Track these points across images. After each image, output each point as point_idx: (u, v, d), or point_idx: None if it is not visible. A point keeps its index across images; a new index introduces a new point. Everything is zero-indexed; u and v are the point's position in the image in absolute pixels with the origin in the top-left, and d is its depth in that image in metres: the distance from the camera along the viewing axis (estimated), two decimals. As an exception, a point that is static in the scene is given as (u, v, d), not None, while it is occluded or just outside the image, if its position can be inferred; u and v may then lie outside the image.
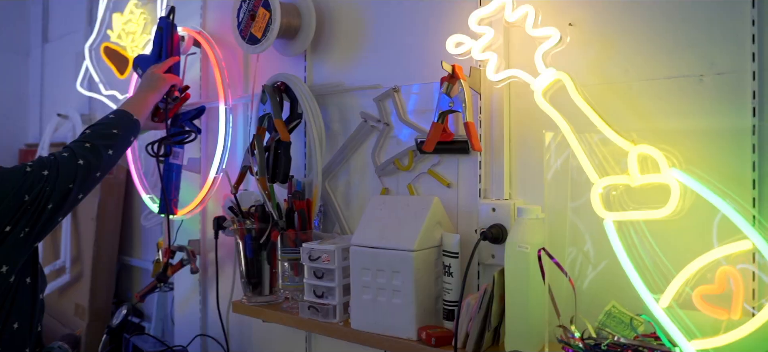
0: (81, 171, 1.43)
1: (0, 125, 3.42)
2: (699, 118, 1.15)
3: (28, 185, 1.34)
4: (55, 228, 2.66)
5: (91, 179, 1.47)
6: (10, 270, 1.34)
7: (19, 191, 1.33)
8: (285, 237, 1.64)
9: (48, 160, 1.41)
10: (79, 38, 2.97)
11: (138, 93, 1.76)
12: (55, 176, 1.39)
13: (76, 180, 1.42)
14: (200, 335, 2.11)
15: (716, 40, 1.13)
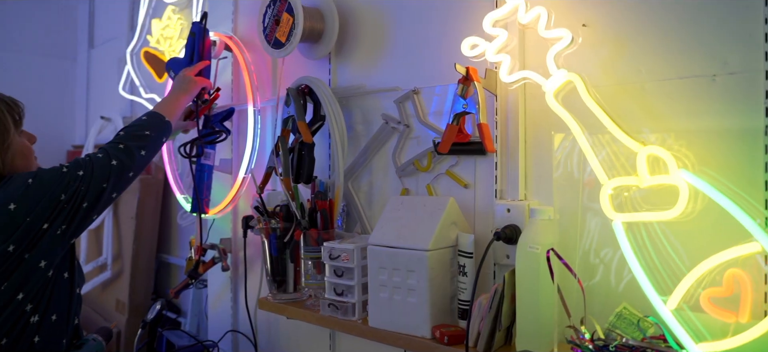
0: (114, 171, 1.49)
1: (50, 128, 3.55)
2: (711, 119, 1.14)
3: (64, 185, 1.41)
4: (99, 226, 2.78)
5: (125, 179, 1.54)
6: (48, 265, 1.41)
7: (55, 191, 1.40)
8: (307, 236, 1.68)
9: (83, 161, 1.48)
10: (122, 44, 3.08)
11: (170, 95, 1.82)
12: (90, 176, 1.45)
13: (109, 180, 1.48)
14: (231, 330, 2.17)
15: (728, 40, 1.12)
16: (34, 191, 1.37)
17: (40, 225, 1.37)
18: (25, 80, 3.49)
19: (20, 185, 1.36)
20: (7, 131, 1.45)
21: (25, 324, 1.38)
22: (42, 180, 1.40)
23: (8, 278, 1.34)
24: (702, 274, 1.05)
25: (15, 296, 1.35)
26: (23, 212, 1.35)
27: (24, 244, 1.35)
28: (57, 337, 1.45)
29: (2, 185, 1.37)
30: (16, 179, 1.38)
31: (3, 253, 1.32)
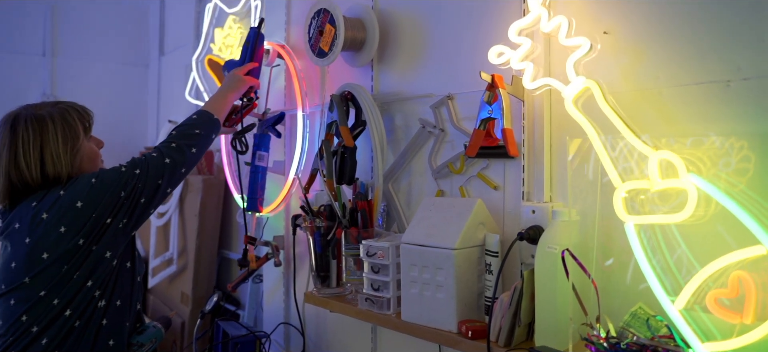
0: (168, 169, 1.63)
1: (124, 130, 3.80)
2: (726, 123, 1.16)
3: (123, 183, 1.56)
4: (166, 223, 2.96)
5: (178, 175, 1.67)
6: (112, 255, 1.56)
7: (116, 189, 1.55)
8: (348, 234, 1.78)
9: (139, 160, 1.63)
10: (188, 51, 3.27)
11: (219, 92, 1.93)
12: (146, 174, 1.60)
13: (164, 176, 1.62)
14: (283, 323, 2.30)
15: (742, 46, 1.15)
16: (98, 190, 1.52)
17: (104, 220, 1.52)
18: (104, 86, 3.75)
19: (85, 184, 1.52)
20: (77, 137, 1.59)
21: (94, 308, 1.53)
22: (104, 179, 1.55)
23: (80, 267, 1.49)
24: (708, 275, 1.09)
25: (85, 284, 1.51)
26: (89, 209, 1.50)
27: (91, 237, 1.50)
28: (121, 320, 1.61)
29: (69, 185, 1.53)
30: (81, 179, 1.54)
31: (75, 246, 1.48)
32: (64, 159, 1.57)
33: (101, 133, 1.73)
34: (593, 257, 1.30)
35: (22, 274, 1.48)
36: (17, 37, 3.49)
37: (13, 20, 3.46)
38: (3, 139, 1.56)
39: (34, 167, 1.54)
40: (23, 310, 1.47)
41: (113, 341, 1.57)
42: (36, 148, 1.54)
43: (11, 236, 1.53)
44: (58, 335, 1.48)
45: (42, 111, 1.57)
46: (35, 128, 1.54)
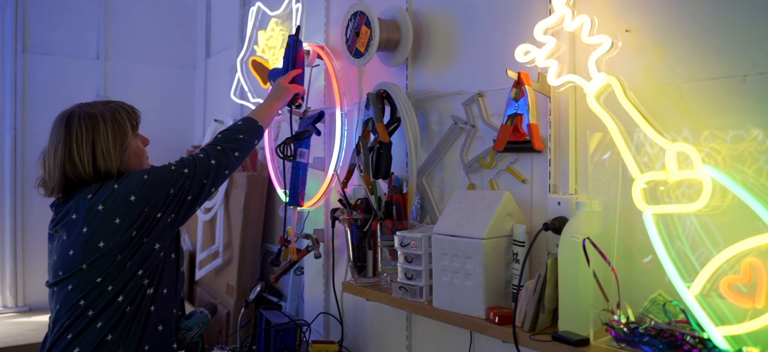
0: (213, 169, 1.75)
1: (173, 130, 3.97)
2: (743, 117, 1.21)
3: (172, 181, 1.68)
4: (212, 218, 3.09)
5: (221, 176, 1.79)
6: (160, 247, 1.68)
7: (166, 186, 1.67)
8: (383, 226, 1.87)
9: (188, 160, 1.75)
10: (233, 53, 3.41)
11: (266, 101, 2.07)
12: (193, 173, 1.72)
13: (209, 176, 1.74)
14: (322, 313, 2.40)
15: (757, 42, 1.19)
16: (149, 186, 1.64)
17: (154, 214, 1.64)
18: (153, 88, 3.92)
19: (138, 180, 1.64)
20: (126, 134, 1.71)
21: (143, 295, 1.65)
22: (155, 177, 1.67)
23: (132, 257, 1.62)
24: (722, 262, 1.14)
25: (136, 272, 1.63)
26: (141, 204, 1.62)
27: (143, 230, 1.62)
28: (168, 307, 1.73)
29: (122, 180, 1.65)
30: (134, 175, 1.66)
31: (129, 237, 1.61)
32: (113, 155, 1.68)
33: (150, 132, 1.86)
34: (614, 246, 1.35)
35: (80, 261, 1.60)
36: (73, 43, 3.68)
37: (70, 27, 3.65)
38: (58, 135, 1.68)
39: (86, 162, 1.66)
40: (81, 295, 1.59)
41: (161, 326, 1.69)
42: (88, 145, 1.66)
43: (67, 226, 1.65)
44: (111, 319, 1.60)
45: (94, 110, 1.69)
46: (88, 126, 1.66)
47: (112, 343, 1.60)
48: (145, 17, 3.90)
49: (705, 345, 1.14)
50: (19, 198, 3.48)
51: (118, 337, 1.61)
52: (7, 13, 3.45)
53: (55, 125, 1.70)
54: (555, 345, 1.34)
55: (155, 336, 1.68)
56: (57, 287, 1.65)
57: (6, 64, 3.44)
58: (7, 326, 3.19)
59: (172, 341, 1.74)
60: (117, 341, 1.60)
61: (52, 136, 1.70)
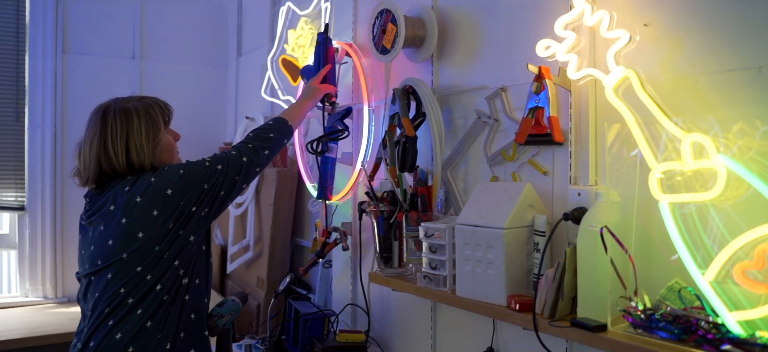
0: (245, 166, 1.83)
1: (205, 127, 4.07)
2: (759, 108, 1.23)
3: (207, 176, 1.76)
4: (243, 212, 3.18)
5: (252, 173, 1.88)
6: (195, 240, 1.75)
7: (200, 181, 1.74)
8: (409, 218, 1.92)
9: (221, 157, 1.82)
10: (264, 52, 3.49)
11: (297, 102, 2.15)
12: (226, 170, 1.79)
13: (240, 173, 1.82)
14: (350, 304, 2.46)
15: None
16: (185, 180, 1.72)
17: (190, 208, 1.72)
18: (187, 86, 4.02)
19: (174, 174, 1.72)
20: (158, 129, 1.79)
21: (179, 285, 1.73)
22: (190, 171, 1.75)
23: (169, 248, 1.69)
24: (737, 249, 1.16)
25: (173, 263, 1.70)
26: (178, 197, 1.70)
27: (179, 222, 1.70)
28: (200, 296, 1.80)
29: (159, 174, 1.73)
30: (170, 169, 1.74)
31: (166, 229, 1.68)
32: (146, 149, 1.75)
33: (183, 129, 1.94)
34: (632, 235, 1.39)
35: (120, 250, 1.67)
36: (110, 43, 3.80)
37: (107, 28, 3.78)
38: (94, 128, 1.75)
39: (120, 155, 1.73)
40: (121, 283, 1.66)
41: (194, 315, 1.77)
42: (122, 139, 1.73)
43: (105, 217, 1.72)
44: (150, 306, 1.67)
45: (129, 104, 1.77)
46: (122, 120, 1.73)
47: (152, 329, 1.67)
48: (179, 18, 4.01)
49: (719, 330, 1.17)
50: (58, 193, 3.61)
51: (157, 324, 1.68)
52: (48, 16, 3.58)
53: (91, 118, 1.78)
54: (573, 331, 1.38)
55: (189, 324, 1.76)
56: (95, 276, 1.72)
57: (47, 64, 3.57)
58: (47, 316, 3.31)
59: (203, 329, 1.82)
60: (156, 328, 1.67)
61: (88, 128, 1.78)
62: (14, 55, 3.56)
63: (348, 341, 2.14)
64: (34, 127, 3.55)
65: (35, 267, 3.59)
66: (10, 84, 3.54)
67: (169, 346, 1.70)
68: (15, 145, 3.54)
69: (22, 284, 3.59)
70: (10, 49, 3.55)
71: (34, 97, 3.55)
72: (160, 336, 1.68)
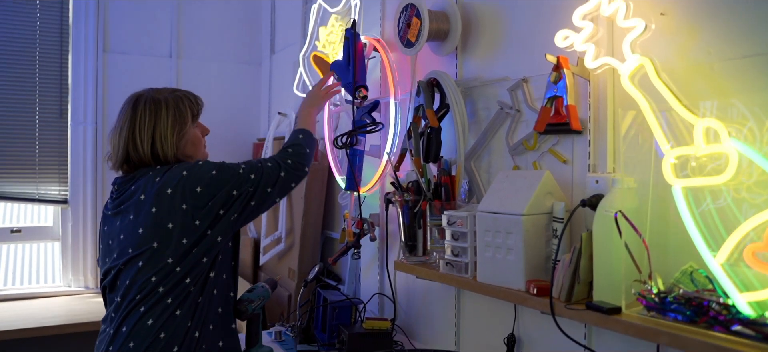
0: (281, 181, 1.88)
1: (240, 123, 4.17)
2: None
3: (238, 183, 1.78)
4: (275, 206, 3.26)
5: (288, 188, 1.93)
6: (223, 240, 1.79)
7: (231, 186, 1.77)
8: (432, 206, 1.97)
9: (257, 166, 1.85)
10: (296, 49, 3.57)
11: (304, 111, 2.20)
12: (258, 181, 1.83)
13: (275, 186, 1.87)
14: (377, 293, 2.52)
15: (785, 20, 1.23)
16: (216, 182, 1.76)
17: (217, 210, 1.76)
18: (222, 83, 4.13)
19: (206, 172, 1.77)
20: (185, 123, 1.83)
21: (207, 278, 1.78)
22: (222, 174, 1.79)
23: (197, 245, 1.74)
24: (747, 231, 1.18)
25: (201, 259, 1.75)
26: (206, 196, 1.74)
27: (207, 222, 1.74)
28: (227, 291, 1.87)
29: (193, 168, 1.76)
30: (204, 166, 1.79)
31: (194, 226, 1.73)
32: (170, 141, 1.79)
33: (218, 125, 2.00)
34: (647, 220, 1.41)
35: (151, 239, 1.71)
36: (148, 42, 3.93)
37: (145, 27, 3.90)
38: (125, 115, 1.81)
39: (146, 144, 1.78)
40: (152, 272, 1.70)
41: (222, 308, 1.83)
42: (149, 128, 1.78)
43: (135, 206, 1.75)
44: (179, 296, 1.71)
45: (160, 95, 1.83)
46: (151, 110, 1.79)
47: (182, 317, 1.71)
48: (214, 17, 4.11)
49: (729, 311, 1.19)
50: (99, 187, 3.75)
51: (187, 312, 1.72)
52: (89, 17, 3.72)
53: (123, 106, 1.84)
54: (589, 314, 1.41)
55: (217, 318, 1.81)
56: (125, 265, 1.74)
57: (89, 63, 3.71)
58: (88, 305, 3.45)
59: (231, 322, 1.88)
60: (185, 316, 1.72)
61: (119, 115, 1.84)
62: (58, 55, 3.70)
63: (374, 327, 2.20)
64: (76, 124, 3.69)
65: (77, 258, 3.73)
66: (54, 82, 3.68)
67: (198, 334, 1.74)
68: (58, 141, 3.69)
69: (65, 274, 3.74)
70: (55, 49, 3.69)
71: (76, 94, 3.69)
72: (190, 324, 1.73)
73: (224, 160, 1.85)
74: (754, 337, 1.14)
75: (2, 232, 3.63)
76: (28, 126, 3.63)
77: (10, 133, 3.59)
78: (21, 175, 3.60)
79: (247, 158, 3.95)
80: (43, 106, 3.66)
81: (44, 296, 3.62)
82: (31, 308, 3.38)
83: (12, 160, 3.59)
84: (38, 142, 3.65)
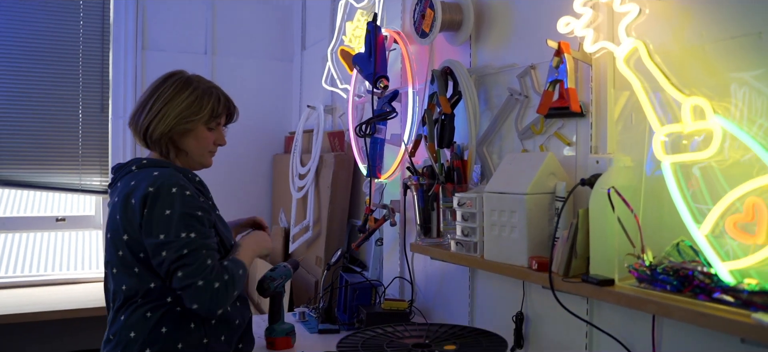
0: (197, 289, 1.59)
1: (272, 118, 4.30)
2: (759, 72, 1.29)
3: (152, 248, 1.61)
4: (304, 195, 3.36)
5: (196, 298, 1.60)
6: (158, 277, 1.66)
7: (144, 242, 1.62)
8: (445, 189, 2.05)
9: (186, 248, 1.59)
10: (325, 45, 3.68)
11: (249, 250, 1.85)
12: (168, 262, 1.59)
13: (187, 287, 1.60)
14: (397, 277, 2.60)
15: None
16: (148, 222, 1.61)
17: (139, 253, 1.66)
18: (255, 79, 4.27)
19: (161, 205, 1.61)
20: (197, 114, 1.73)
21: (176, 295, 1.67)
22: (152, 223, 1.61)
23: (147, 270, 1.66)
24: (728, 203, 1.24)
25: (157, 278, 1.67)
26: (147, 228, 1.62)
27: (136, 256, 1.66)
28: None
29: (158, 188, 1.62)
30: (166, 197, 1.62)
31: (142, 244, 1.64)
32: (166, 121, 1.71)
33: (251, 120, 2.09)
34: (641, 197, 1.47)
35: (117, 248, 1.67)
36: (184, 40, 4.09)
37: (181, 25, 4.07)
38: (155, 83, 1.78)
39: (150, 115, 1.72)
40: (124, 280, 1.67)
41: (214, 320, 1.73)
42: (163, 101, 1.73)
43: (112, 207, 1.72)
44: (156, 305, 1.66)
45: (196, 82, 1.79)
46: (176, 87, 1.74)
47: (157, 322, 1.65)
48: (247, 15, 4.25)
49: (712, 279, 1.25)
50: (138, 178, 3.91)
51: (161, 319, 1.66)
52: (129, 16, 3.89)
53: (160, 78, 1.80)
54: (584, 286, 1.48)
55: (201, 319, 1.70)
56: (106, 266, 1.74)
57: (128, 60, 3.89)
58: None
59: (224, 329, 1.75)
60: (160, 323, 1.65)
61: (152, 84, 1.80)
62: (99, 53, 3.89)
63: (392, 308, 2.29)
64: (116, 118, 3.87)
65: (118, 246, 3.91)
66: (95, 78, 3.87)
67: (193, 325, 1.69)
68: (100, 134, 3.87)
69: (107, 261, 3.92)
70: (96, 48, 3.88)
71: (116, 90, 3.86)
72: (165, 331, 1.66)
73: (199, 208, 1.67)
74: (733, 303, 1.19)
75: (48, 220, 3.83)
76: (72, 120, 3.82)
77: (55, 127, 3.78)
78: (65, 166, 3.80)
79: (278, 152, 4.09)
80: (86, 102, 3.85)
81: (86, 281, 3.81)
82: (74, 293, 3.57)
83: (57, 153, 3.79)
84: (81, 135, 3.84)
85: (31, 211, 3.83)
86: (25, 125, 3.72)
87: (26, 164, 3.73)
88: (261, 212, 4.24)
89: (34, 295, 3.49)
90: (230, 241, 1.84)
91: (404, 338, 1.67)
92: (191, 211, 1.64)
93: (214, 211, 1.79)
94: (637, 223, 1.41)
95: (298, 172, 3.58)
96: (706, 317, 1.20)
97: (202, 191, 1.79)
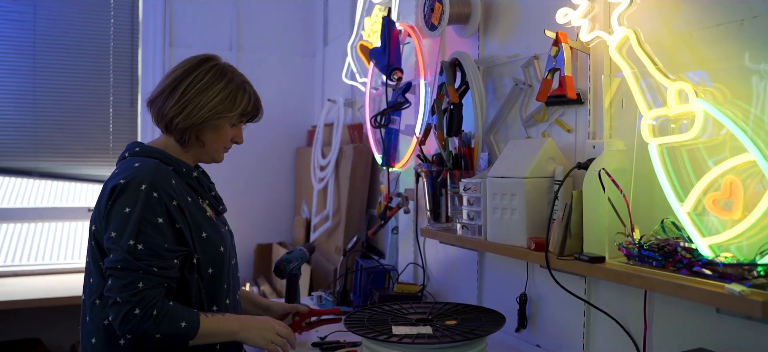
0: (121, 312, 1.48)
1: (296, 112, 4.42)
2: (742, 58, 1.35)
3: (111, 246, 1.52)
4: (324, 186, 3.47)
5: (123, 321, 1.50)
6: None
7: (101, 235, 1.56)
8: (452, 176, 2.13)
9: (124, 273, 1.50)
10: (346, 40, 3.78)
11: (234, 325, 1.65)
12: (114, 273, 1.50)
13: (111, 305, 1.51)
14: (411, 263, 2.69)
15: (753, -12, 1.34)
16: (115, 217, 1.53)
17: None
18: (278, 74, 4.39)
19: (124, 205, 1.53)
20: (229, 111, 1.66)
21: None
22: (120, 218, 1.52)
23: None
24: (708, 182, 1.30)
25: None
26: (106, 223, 1.57)
27: None
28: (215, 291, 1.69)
29: (128, 185, 1.54)
30: (133, 196, 1.52)
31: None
32: (197, 115, 1.62)
33: (275, 114, 2.17)
34: (631, 178, 1.54)
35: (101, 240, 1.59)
36: (210, 36, 4.23)
37: (207, 22, 4.21)
38: (184, 64, 1.68)
39: (178, 103, 1.62)
40: None
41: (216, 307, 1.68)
42: (197, 89, 1.63)
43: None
44: None
45: (229, 73, 1.70)
46: (215, 75, 1.65)
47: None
48: (271, 12, 4.38)
49: (693, 254, 1.31)
50: (167, 170, 4.06)
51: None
52: (157, 14, 4.05)
53: (192, 60, 1.70)
54: (577, 263, 1.55)
55: None
56: None
57: (157, 56, 4.04)
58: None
59: None
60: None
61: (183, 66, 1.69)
62: (129, 49, 4.05)
63: (404, 291, 2.38)
64: (145, 112, 3.97)
65: (147, 235, 4.06)
66: (126, 74, 4.03)
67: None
68: (129, 127, 4.04)
69: (137, 250, 4.08)
70: (126, 44, 4.04)
71: (145, 85, 4.02)
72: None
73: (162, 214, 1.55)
74: (711, 276, 1.26)
75: (80, 210, 4.00)
76: (103, 114, 3.98)
77: (87, 121, 3.95)
78: (96, 158, 3.97)
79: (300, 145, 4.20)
80: (116, 96, 4.01)
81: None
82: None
83: (88, 145, 3.96)
84: (112, 128, 4.00)
85: (65, 202, 4.00)
86: (60, 119, 3.89)
87: (61, 156, 3.90)
88: (285, 204, 4.37)
89: (68, 281, 3.66)
90: (218, 244, 1.68)
91: (409, 314, 1.76)
92: (151, 217, 1.52)
93: (202, 212, 1.69)
94: (626, 203, 1.48)
95: (319, 164, 3.69)
96: (685, 289, 1.27)
97: (196, 188, 1.71)
